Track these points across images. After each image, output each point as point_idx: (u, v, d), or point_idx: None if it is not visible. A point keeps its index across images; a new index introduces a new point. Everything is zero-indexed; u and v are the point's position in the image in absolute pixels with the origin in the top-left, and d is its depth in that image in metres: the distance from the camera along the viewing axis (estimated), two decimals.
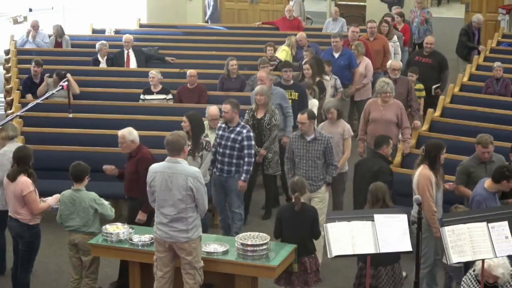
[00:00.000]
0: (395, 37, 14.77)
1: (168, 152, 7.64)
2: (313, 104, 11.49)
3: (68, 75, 12.91)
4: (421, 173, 8.31)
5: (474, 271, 7.12)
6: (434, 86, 13.27)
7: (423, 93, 12.76)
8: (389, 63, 12.25)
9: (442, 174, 8.53)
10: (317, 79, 12.07)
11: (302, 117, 9.28)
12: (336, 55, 13.23)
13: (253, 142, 9.70)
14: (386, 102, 10.56)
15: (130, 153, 8.83)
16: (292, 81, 11.43)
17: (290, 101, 11.12)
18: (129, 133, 8.82)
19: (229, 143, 9.66)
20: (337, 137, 9.81)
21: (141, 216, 8.67)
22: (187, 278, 7.62)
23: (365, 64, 13.28)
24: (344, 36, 15.23)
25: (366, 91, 13.35)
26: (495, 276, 6.96)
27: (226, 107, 9.68)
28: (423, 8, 17.17)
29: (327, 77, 12.39)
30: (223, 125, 9.80)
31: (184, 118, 9.55)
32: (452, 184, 8.95)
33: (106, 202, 8.42)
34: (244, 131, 9.65)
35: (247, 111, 10.65)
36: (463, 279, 7.25)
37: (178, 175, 7.49)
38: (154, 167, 7.69)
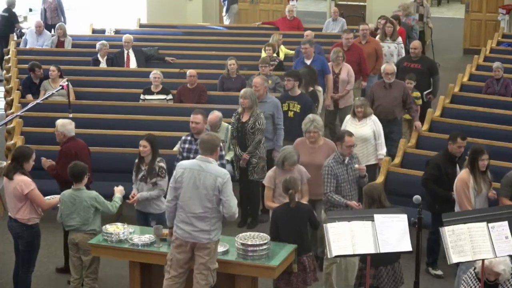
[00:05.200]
0: (399, 38, 14.56)
1: (200, 151, 7.61)
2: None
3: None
4: (459, 176, 8.45)
5: (474, 269, 7.12)
6: (425, 92, 12.89)
7: (420, 101, 12.41)
8: (382, 67, 11.89)
9: (487, 180, 8.46)
10: (310, 89, 11.62)
11: (351, 139, 8.68)
12: (308, 62, 12.54)
13: (223, 152, 9.32)
14: (314, 143, 9.26)
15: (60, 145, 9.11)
16: (299, 92, 10.97)
17: (292, 113, 10.83)
18: (62, 125, 9.13)
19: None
20: None
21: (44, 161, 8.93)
22: (199, 278, 7.52)
23: (347, 70, 12.76)
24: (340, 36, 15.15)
25: (349, 98, 12.79)
26: (496, 272, 6.95)
27: (197, 117, 9.25)
28: (408, 15, 17.05)
29: (319, 88, 11.92)
30: (189, 138, 9.45)
31: (143, 142, 8.79)
32: (495, 193, 8.69)
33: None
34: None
35: (233, 114, 10.43)
36: (464, 277, 7.26)
37: (207, 173, 7.42)
38: (184, 163, 7.66)
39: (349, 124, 10.45)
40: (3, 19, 17.81)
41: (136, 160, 8.87)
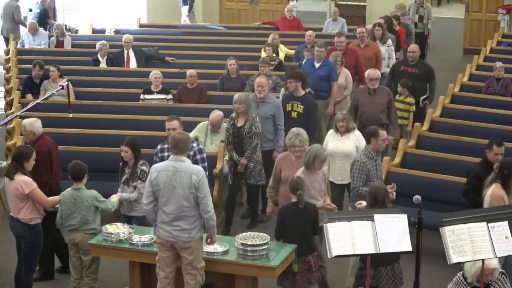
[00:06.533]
0: (389, 41, 14.32)
1: (172, 151, 7.61)
2: None
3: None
4: (494, 193, 8.14)
5: (463, 274, 7.07)
6: (422, 98, 12.71)
7: (413, 108, 12.24)
8: (366, 72, 11.55)
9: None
10: (307, 90, 11.41)
11: (385, 132, 8.81)
12: (317, 65, 12.39)
13: (204, 155, 9.24)
14: (299, 158, 8.65)
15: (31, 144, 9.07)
16: (303, 93, 10.94)
17: (295, 113, 10.81)
18: (30, 124, 9.14)
19: None
20: (321, 184, 8.51)
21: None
22: (188, 279, 7.60)
23: (345, 75, 12.52)
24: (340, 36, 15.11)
25: (346, 104, 12.57)
26: (492, 269, 6.96)
27: (174, 123, 9.05)
28: (403, 14, 16.95)
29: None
30: (166, 146, 9.04)
31: (124, 147, 8.63)
32: None
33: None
34: (194, 145, 9.06)
35: (228, 119, 10.38)
36: (453, 280, 7.22)
37: (182, 172, 7.46)
38: (157, 166, 7.67)
39: (331, 139, 9.98)
40: (36, 16, 17.88)
41: (120, 164, 8.85)
